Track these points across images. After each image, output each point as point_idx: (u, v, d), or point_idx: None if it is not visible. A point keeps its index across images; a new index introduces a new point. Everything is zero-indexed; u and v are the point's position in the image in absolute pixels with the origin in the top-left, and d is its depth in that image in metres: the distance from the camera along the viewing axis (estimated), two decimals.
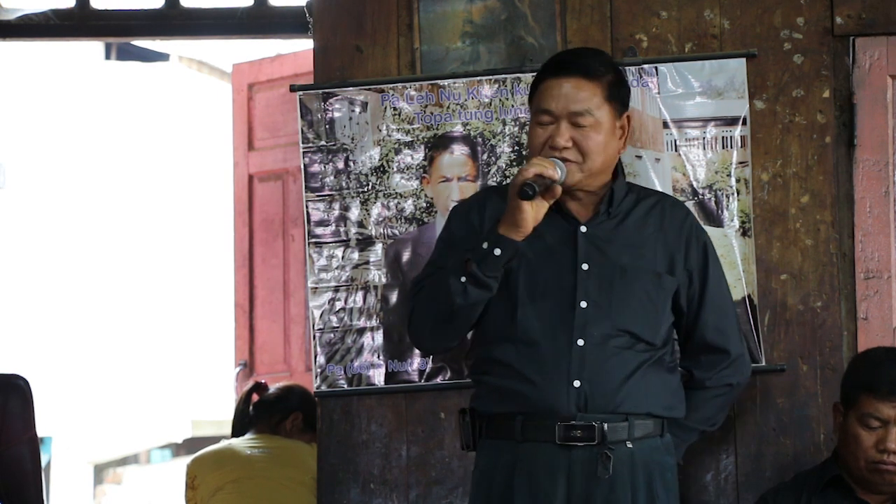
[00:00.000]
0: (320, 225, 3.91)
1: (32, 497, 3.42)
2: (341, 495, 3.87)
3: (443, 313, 3.12)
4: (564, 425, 3.05)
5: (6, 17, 5.17)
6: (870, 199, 3.76)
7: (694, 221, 3.30)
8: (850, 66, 3.79)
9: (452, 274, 3.08)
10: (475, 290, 3.07)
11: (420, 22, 3.91)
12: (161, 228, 14.14)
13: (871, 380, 3.31)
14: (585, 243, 3.16)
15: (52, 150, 13.57)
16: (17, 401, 3.40)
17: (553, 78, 3.14)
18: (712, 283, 3.25)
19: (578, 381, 3.07)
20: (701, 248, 3.26)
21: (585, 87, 3.12)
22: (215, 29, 5.23)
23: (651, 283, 3.17)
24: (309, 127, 3.93)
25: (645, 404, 3.11)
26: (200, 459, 4.49)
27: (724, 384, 3.28)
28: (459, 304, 3.08)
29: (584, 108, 3.11)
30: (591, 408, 3.06)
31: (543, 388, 3.07)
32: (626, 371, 3.09)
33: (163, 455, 15.72)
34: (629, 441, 3.08)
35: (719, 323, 3.26)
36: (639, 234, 3.19)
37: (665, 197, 3.35)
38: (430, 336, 3.20)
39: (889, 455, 3.27)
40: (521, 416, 3.09)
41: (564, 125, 3.11)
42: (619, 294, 3.12)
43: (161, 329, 14.02)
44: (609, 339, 3.10)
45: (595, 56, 3.21)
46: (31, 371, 3.94)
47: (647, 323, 3.15)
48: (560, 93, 3.12)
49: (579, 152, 3.11)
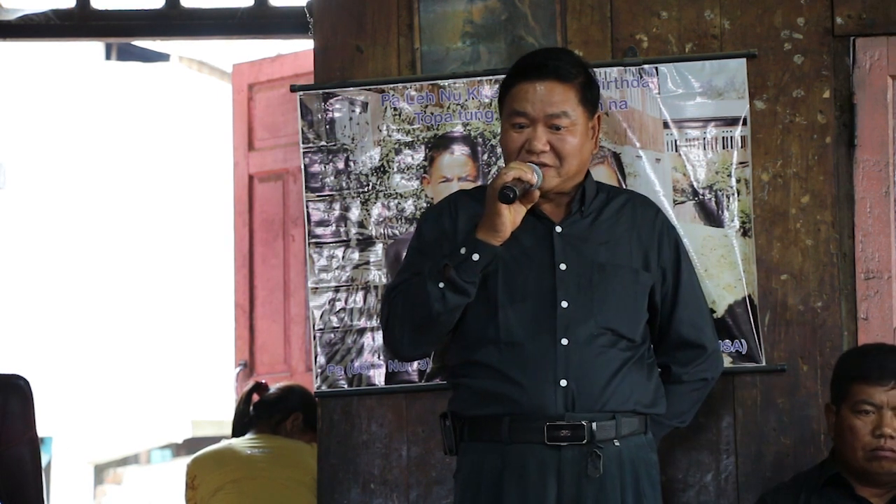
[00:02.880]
0: (320, 225, 3.91)
1: (32, 497, 3.42)
2: (341, 495, 3.87)
3: (421, 319, 3.11)
4: (552, 425, 3.05)
5: (6, 17, 5.17)
6: (870, 200, 3.77)
7: (664, 219, 3.31)
8: (851, 67, 3.79)
9: (430, 280, 3.08)
10: (453, 296, 3.07)
11: (420, 22, 3.91)
12: (161, 228, 14.14)
13: (859, 368, 3.35)
14: (561, 243, 3.16)
15: (52, 150, 13.57)
16: (17, 401, 3.40)
17: (527, 81, 3.14)
18: (685, 280, 3.26)
19: (565, 380, 3.07)
20: (673, 245, 3.27)
21: (560, 90, 3.12)
22: (215, 29, 5.24)
23: (629, 279, 3.17)
24: (309, 127, 3.93)
25: (630, 402, 3.11)
26: (200, 459, 4.49)
27: (700, 379, 3.30)
28: (438, 311, 3.08)
29: (560, 110, 3.11)
30: (579, 407, 3.06)
31: (530, 388, 3.07)
32: (612, 369, 3.10)
33: (163, 455, 15.72)
34: (616, 439, 3.08)
35: (694, 318, 3.27)
36: (612, 232, 3.20)
37: (634, 195, 3.36)
38: (408, 343, 3.18)
39: (886, 440, 3.30)
40: (507, 418, 3.08)
41: (541, 129, 3.11)
42: (598, 292, 3.13)
43: (161, 329, 14.02)
44: (593, 337, 3.10)
45: (565, 57, 3.21)
46: (31, 371, 3.93)
47: (628, 320, 3.15)
48: (535, 96, 3.11)
49: (556, 156, 3.12)
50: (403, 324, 3.14)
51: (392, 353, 3.29)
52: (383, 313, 3.20)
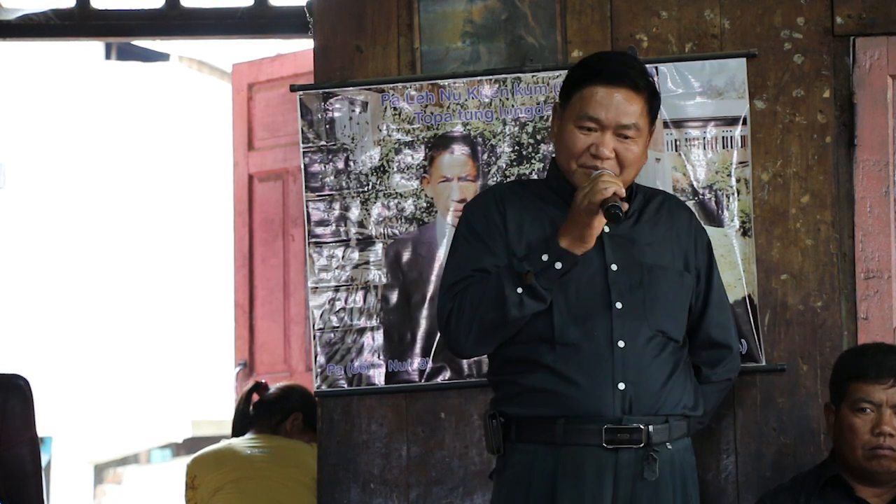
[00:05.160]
0: (320, 225, 3.91)
1: (32, 497, 3.42)
2: (341, 495, 3.87)
3: (493, 321, 3.08)
4: (611, 428, 3.04)
5: (6, 17, 5.18)
6: (870, 199, 3.77)
7: (697, 221, 3.35)
8: (851, 66, 3.79)
9: (507, 284, 3.05)
10: (531, 302, 3.05)
11: (420, 22, 3.91)
12: (161, 228, 14.14)
13: (858, 366, 3.36)
14: (611, 244, 3.15)
15: (52, 150, 13.57)
16: (17, 401, 3.40)
17: (602, 86, 3.10)
18: (715, 282, 3.29)
19: (623, 383, 3.05)
20: (705, 247, 3.29)
21: (634, 101, 3.10)
22: (215, 29, 5.24)
23: (676, 281, 3.18)
24: (309, 127, 3.93)
25: (680, 405, 3.12)
26: (200, 459, 4.50)
27: (725, 379, 3.32)
28: (514, 315, 3.05)
29: (632, 121, 3.10)
30: (636, 410, 3.05)
31: (588, 390, 3.05)
32: (666, 372, 3.10)
33: (163, 455, 15.72)
34: (669, 442, 3.09)
35: (722, 319, 3.30)
36: (654, 233, 3.20)
37: (668, 196, 3.36)
38: (473, 342, 3.13)
39: (885, 438, 3.30)
40: (562, 419, 3.06)
41: (609, 136, 3.09)
42: (649, 294, 3.12)
43: (161, 329, 14.02)
44: (648, 340, 3.10)
45: (638, 65, 3.19)
46: (31, 371, 3.93)
47: (676, 322, 3.17)
48: (611, 103, 3.09)
49: (619, 164, 3.10)
50: (471, 323, 3.09)
51: (452, 350, 3.22)
52: (444, 308, 3.14)
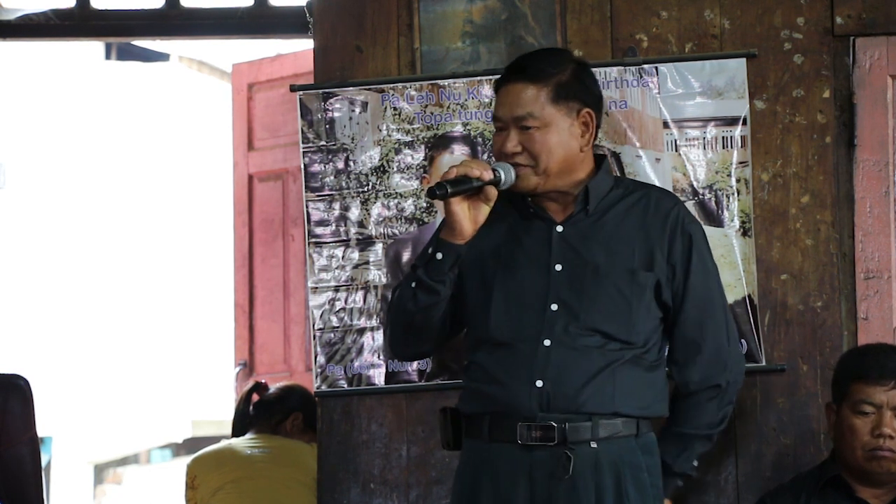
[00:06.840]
0: (320, 225, 3.91)
1: (32, 497, 3.42)
2: (341, 495, 3.87)
3: (401, 320, 3.18)
4: (525, 425, 3.05)
5: (6, 17, 5.18)
6: (870, 199, 3.77)
7: (681, 213, 3.19)
8: (851, 66, 3.79)
9: (406, 281, 3.15)
10: (424, 296, 3.11)
11: (420, 22, 3.91)
12: (161, 228, 14.14)
13: (860, 367, 3.36)
14: (560, 243, 3.14)
15: (52, 150, 13.57)
16: (17, 401, 3.40)
17: (502, 84, 3.16)
18: (695, 276, 3.15)
19: (541, 380, 3.05)
20: (686, 240, 3.16)
21: (527, 91, 3.10)
22: (215, 29, 5.24)
23: (624, 280, 3.11)
24: (309, 127, 3.93)
25: (611, 404, 3.06)
26: (200, 459, 4.49)
27: (709, 387, 3.18)
28: (411, 310, 3.13)
29: (525, 111, 3.09)
30: (553, 408, 3.04)
31: (508, 388, 3.07)
32: (591, 370, 3.05)
33: (163, 455, 15.72)
34: (593, 441, 3.05)
35: (700, 317, 3.16)
36: (617, 231, 3.14)
37: (653, 189, 3.28)
38: (398, 343, 3.26)
39: (885, 440, 3.30)
40: (488, 417, 3.10)
41: (513, 130, 3.11)
42: (589, 293, 3.09)
43: (161, 329, 14.02)
44: (577, 338, 3.07)
45: (546, 57, 3.19)
46: (31, 371, 3.93)
47: (620, 321, 3.09)
48: (506, 99, 3.12)
49: (530, 156, 3.10)
50: (394, 325, 3.22)
51: (389, 353, 3.33)
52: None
